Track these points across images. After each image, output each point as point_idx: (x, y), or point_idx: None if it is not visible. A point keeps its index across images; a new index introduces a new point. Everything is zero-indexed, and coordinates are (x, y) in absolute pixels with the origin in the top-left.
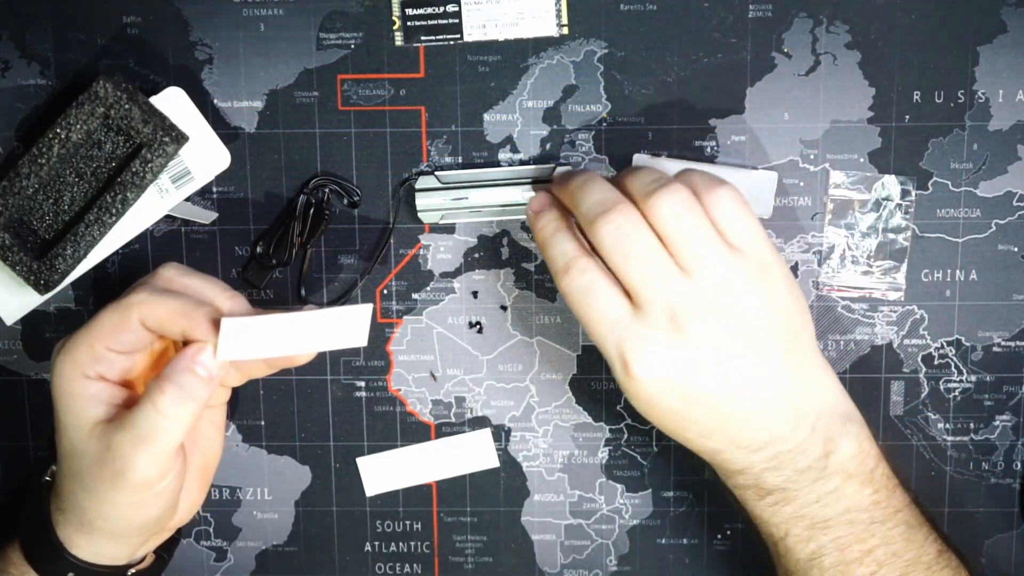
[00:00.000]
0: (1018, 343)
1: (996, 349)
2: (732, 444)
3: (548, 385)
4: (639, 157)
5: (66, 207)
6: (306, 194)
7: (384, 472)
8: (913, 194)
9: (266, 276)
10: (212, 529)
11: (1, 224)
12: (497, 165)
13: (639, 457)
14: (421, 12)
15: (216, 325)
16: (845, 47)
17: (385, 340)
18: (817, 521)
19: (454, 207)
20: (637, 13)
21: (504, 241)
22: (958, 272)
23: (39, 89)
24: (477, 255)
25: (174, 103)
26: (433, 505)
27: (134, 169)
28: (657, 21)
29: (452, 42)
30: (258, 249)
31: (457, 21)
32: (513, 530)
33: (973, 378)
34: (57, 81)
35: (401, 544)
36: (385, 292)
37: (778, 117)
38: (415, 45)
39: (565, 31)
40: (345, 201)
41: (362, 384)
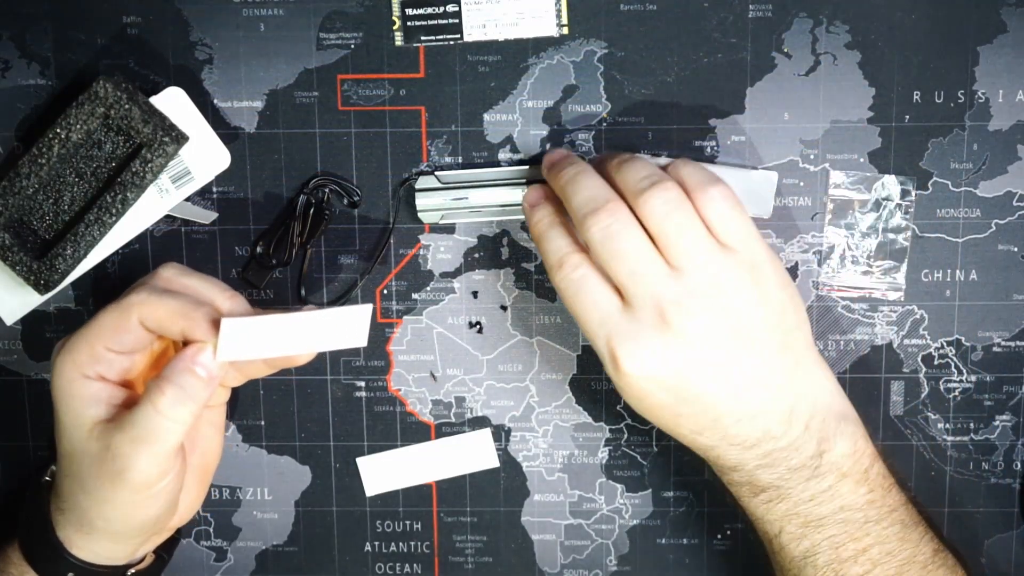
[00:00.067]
0: (1018, 343)
1: (996, 349)
2: (724, 441)
3: (548, 385)
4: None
5: (66, 207)
6: (306, 194)
7: (384, 472)
8: (913, 194)
9: (266, 276)
10: (212, 529)
11: (1, 224)
12: (497, 165)
13: (639, 457)
14: (421, 12)
15: (216, 325)
16: (845, 47)
17: (385, 340)
18: (811, 519)
19: (454, 207)
20: (637, 13)
21: (504, 241)
22: (958, 272)
23: (39, 89)
24: (477, 255)
25: (174, 103)
26: (433, 505)
27: (134, 169)
28: (657, 21)
29: (452, 42)
30: (258, 249)
31: (457, 21)
32: (513, 530)
33: (973, 378)
34: (57, 81)
35: (401, 544)
36: (385, 292)
37: (778, 117)
38: (415, 45)
39: (565, 31)
40: (345, 201)
41: (362, 384)
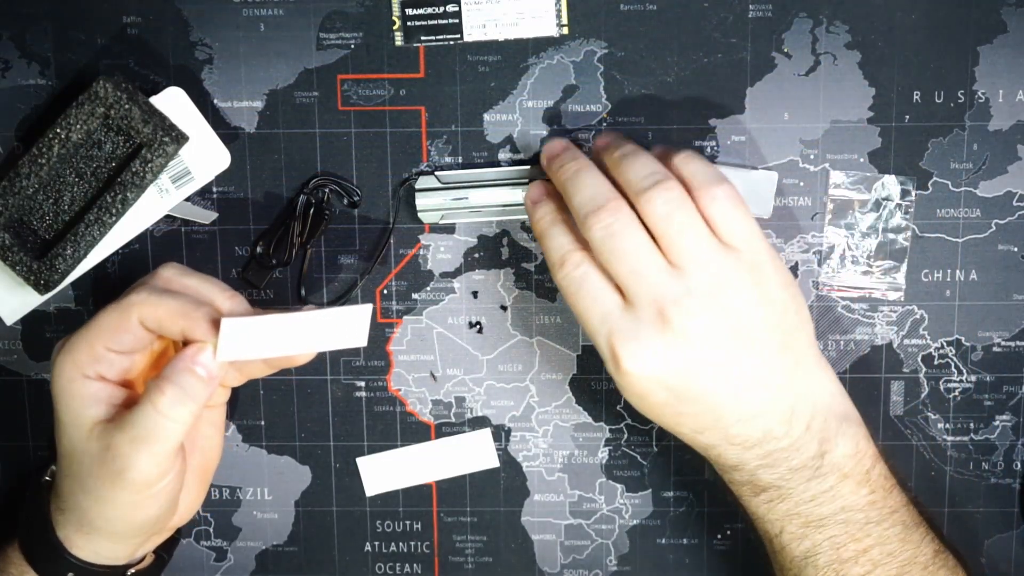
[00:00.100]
0: (1018, 343)
1: (996, 349)
2: (725, 441)
3: (548, 385)
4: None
5: (66, 207)
6: (306, 194)
7: (384, 472)
8: (913, 194)
9: (266, 276)
10: (212, 529)
11: (1, 224)
12: (497, 165)
13: (639, 457)
14: (421, 12)
15: (216, 325)
16: (845, 47)
17: (385, 340)
18: (812, 519)
19: (454, 207)
20: (637, 13)
21: (504, 241)
22: (958, 272)
23: (39, 89)
24: (477, 255)
25: (174, 103)
26: (433, 505)
27: (134, 169)
28: (657, 21)
29: (452, 42)
30: (258, 249)
31: (457, 21)
32: (513, 530)
33: (973, 378)
34: (57, 81)
35: (401, 544)
36: (385, 292)
37: (778, 117)
38: (415, 45)
39: (565, 31)
40: (345, 201)
41: (362, 384)
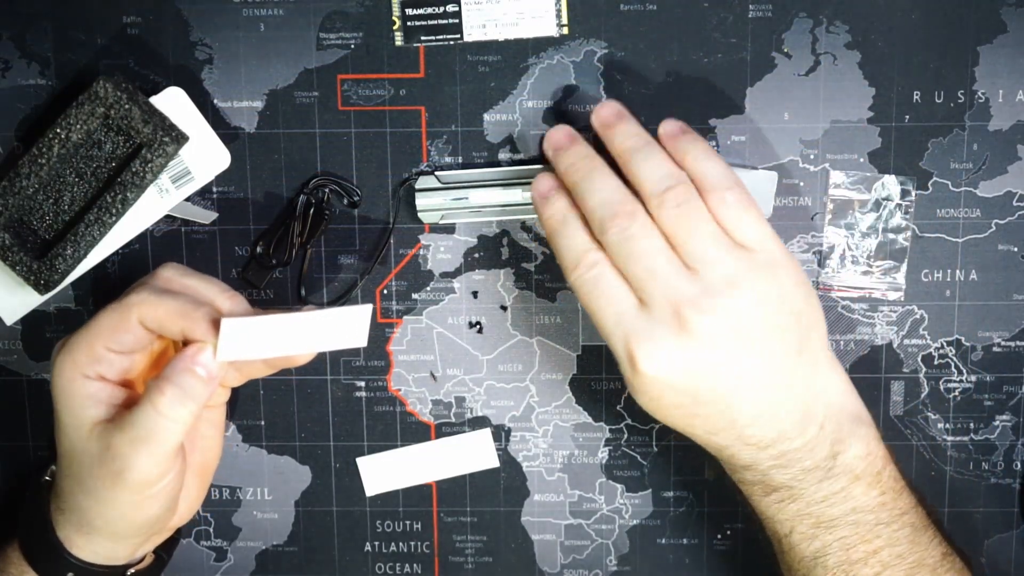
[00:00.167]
0: (1018, 343)
1: (996, 349)
2: (739, 441)
3: (548, 385)
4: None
5: (66, 207)
6: (306, 194)
7: (384, 472)
8: (913, 194)
9: (266, 276)
10: (212, 529)
11: (1, 224)
12: (497, 165)
13: (639, 457)
14: (421, 12)
15: (216, 325)
16: (845, 47)
17: (385, 340)
18: (822, 520)
19: (454, 207)
20: (637, 13)
21: (504, 241)
22: (958, 272)
23: (39, 89)
24: (477, 255)
25: (174, 103)
26: (433, 505)
27: (134, 169)
28: (657, 21)
29: (452, 42)
30: (258, 249)
31: (457, 21)
32: (513, 530)
33: (973, 378)
34: (57, 81)
35: (401, 544)
36: (385, 292)
37: (778, 117)
38: (415, 45)
39: (565, 31)
40: (345, 201)
41: (362, 384)
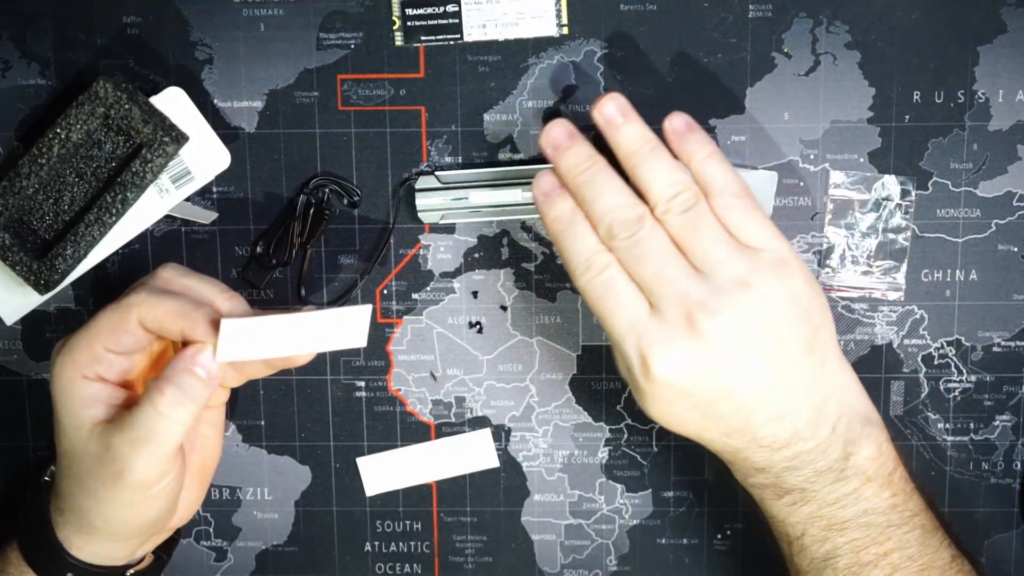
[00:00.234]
0: (1018, 343)
1: (996, 349)
2: (753, 443)
3: (548, 385)
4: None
5: (66, 207)
6: (306, 194)
7: (384, 472)
8: (913, 194)
9: (266, 276)
10: (212, 529)
11: (1, 224)
12: (497, 165)
13: (639, 457)
14: (421, 12)
15: (215, 326)
16: (845, 47)
17: (385, 340)
18: (834, 522)
19: (454, 207)
20: (637, 13)
21: (504, 241)
22: (958, 272)
23: (39, 89)
24: (477, 255)
25: (174, 103)
26: (433, 505)
27: (134, 169)
28: (657, 21)
29: (452, 42)
30: (258, 249)
31: (457, 21)
32: (513, 530)
33: (973, 378)
34: (57, 81)
35: (401, 544)
36: (385, 292)
37: (778, 117)
38: (415, 45)
39: (565, 31)
40: (345, 201)
41: (362, 384)
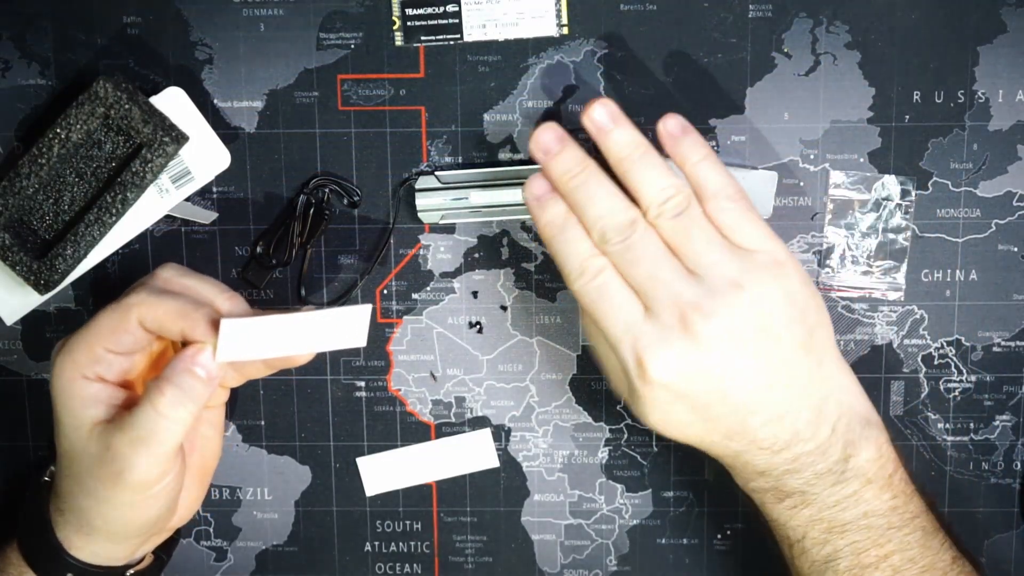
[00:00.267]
0: (1018, 343)
1: (996, 349)
2: (754, 445)
3: (548, 385)
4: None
5: (66, 207)
6: (306, 194)
7: (384, 472)
8: (913, 194)
9: (266, 276)
10: (212, 529)
11: (1, 224)
12: (497, 165)
13: (639, 457)
14: (421, 12)
15: (215, 326)
16: (845, 47)
17: (385, 340)
18: (835, 525)
19: (454, 207)
20: (637, 13)
21: (504, 241)
22: (958, 272)
23: (39, 89)
24: (477, 255)
25: (174, 103)
26: (433, 505)
27: (134, 169)
28: (657, 21)
29: (452, 42)
30: (258, 249)
31: (457, 21)
32: (513, 530)
33: (973, 378)
34: (57, 81)
35: (401, 544)
36: (385, 292)
37: (778, 117)
38: (415, 45)
39: (565, 31)
40: (345, 201)
41: (362, 384)
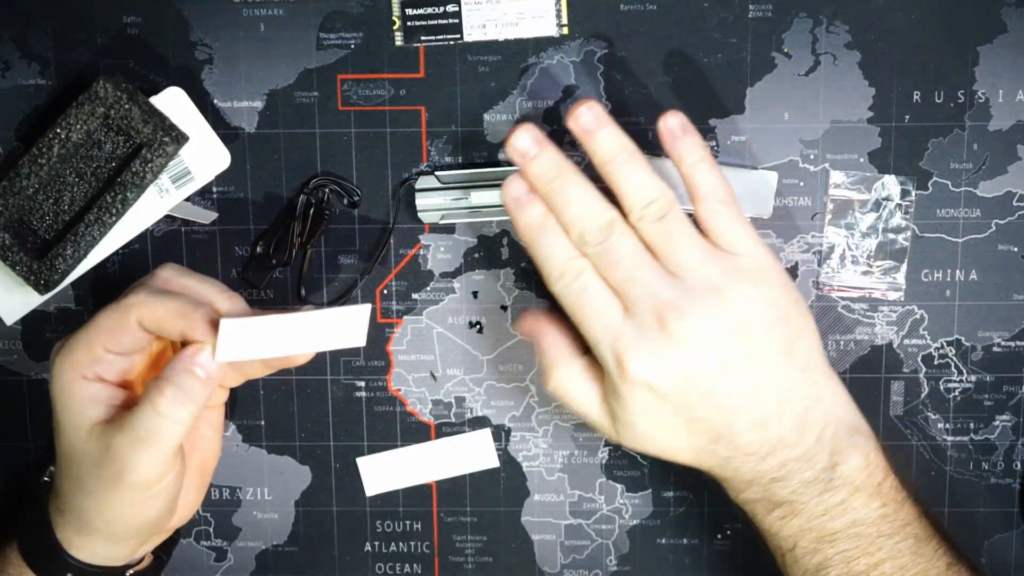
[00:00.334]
0: (1018, 343)
1: (996, 349)
2: (739, 451)
3: None
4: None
5: (66, 207)
6: (306, 194)
7: (384, 472)
8: (913, 194)
9: (266, 276)
10: (212, 529)
11: (1, 224)
12: (497, 165)
13: (639, 457)
14: (421, 12)
15: (214, 326)
16: (845, 47)
17: (385, 340)
18: (824, 534)
19: (454, 207)
20: (637, 13)
21: (504, 241)
22: (958, 272)
23: (39, 89)
24: (477, 255)
25: (174, 103)
26: (433, 505)
27: (134, 169)
28: (657, 21)
29: (452, 42)
30: (258, 249)
31: (457, 21)
32: (513, 530)
33: (973, 378)
34: (57, 81)
35: (401, 544)
36: (385, 292)
37: (778, 117)
38: (415, 45)
39: (565, 31)
40: (345, 201)
41: (362, 384)
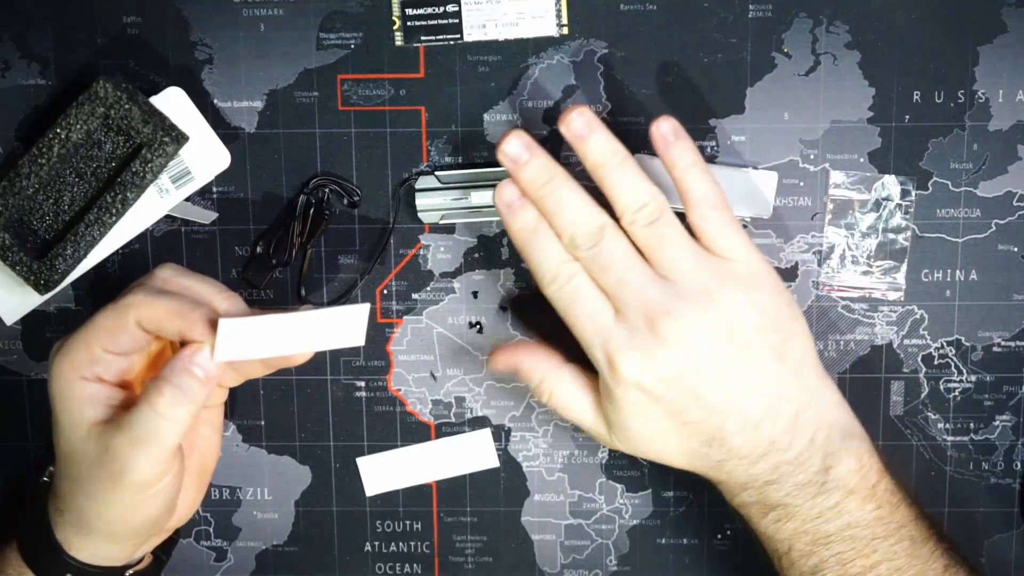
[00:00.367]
0: (1018, 343)
1: (996, 349)
2: (732, 454)
3: None
4: (639, 158)
5: (66, 207)
6: (306, 194)
7: (384, 472)
8: (913, 194)
9: (266, 276)
10: (212, 529)
11: (1, 224)
12: (497, 165)
13: (639, 457)
14: (421, 12)
15: (213, 326)
16: (845, 47)
17: (385, 340)
18: (819, 537)
19: (454, 207)
20: (637, 13)
21: (504, 241)
22: (958, 272)
23: (39, 89)
24: (477, 255)
25: (174, 103)
26: (433, 505)
27: (134, 169)
28: (657, 21)
29: (452, 42)
30: (258, 249)
31: (457, 21)
32: (513, 530)
33: (973, 378)
34: (57, 81)
35: (401, 544)
36: (385, 292)
37: (778, 117)
38: (415, 45)
39: (565, 31)
40: (345, 201)
41: (362, 384)
